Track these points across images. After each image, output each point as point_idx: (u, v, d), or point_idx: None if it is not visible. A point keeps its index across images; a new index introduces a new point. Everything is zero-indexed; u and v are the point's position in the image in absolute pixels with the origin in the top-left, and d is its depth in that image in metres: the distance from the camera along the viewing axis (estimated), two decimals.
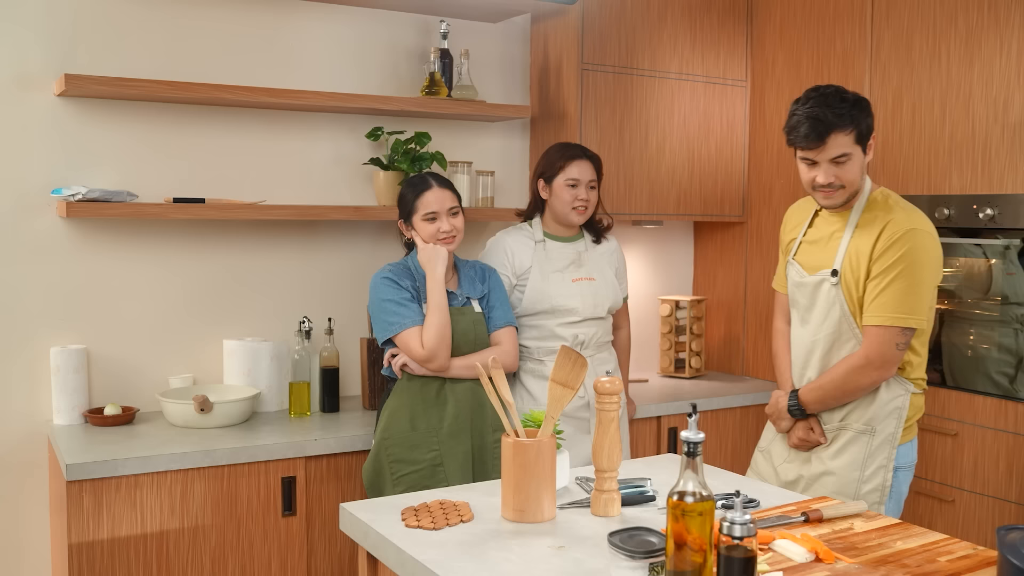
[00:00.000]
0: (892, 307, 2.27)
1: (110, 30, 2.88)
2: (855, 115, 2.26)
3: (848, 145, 2.27)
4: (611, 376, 1.89)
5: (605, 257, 2.97)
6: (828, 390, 2.38)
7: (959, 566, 1.62)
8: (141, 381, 2.98)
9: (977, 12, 2.94)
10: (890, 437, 2.35)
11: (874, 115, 2.35)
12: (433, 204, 2.60)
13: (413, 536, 1.76)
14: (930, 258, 2.30)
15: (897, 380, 2.36)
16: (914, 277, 2.26)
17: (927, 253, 2.29)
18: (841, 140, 2.26)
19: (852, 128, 2.26)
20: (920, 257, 2.27)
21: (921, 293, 2.28)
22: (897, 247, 2.27)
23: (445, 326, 2.53)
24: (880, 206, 2.35)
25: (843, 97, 2.28)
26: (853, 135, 2.27)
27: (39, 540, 2.86)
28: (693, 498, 1.45)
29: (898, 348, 2.29)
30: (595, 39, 3.38)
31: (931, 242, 2.30)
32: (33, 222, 2.82)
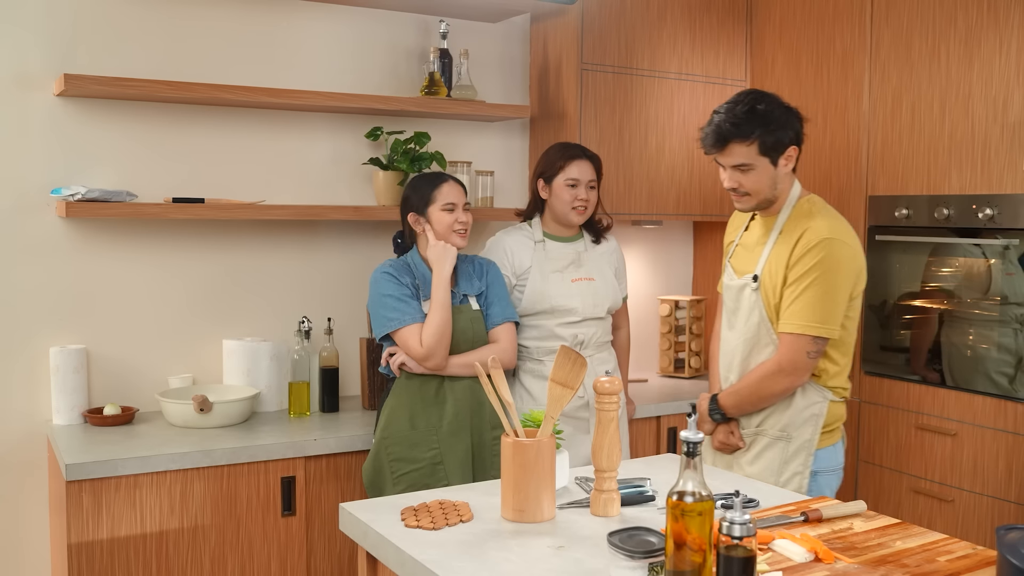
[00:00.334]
0: (804, 315, 2.27)
1: (109, 30, 2.88)
2: (759, 128, 2.29)
3: (749, 156, 2.31)
4: (610, 376, 1.89)
5: (605, 257, 2.97)
6: (743, 395, 2.40)
7: (958, 566, 1.62)
8: (140, 381, 2.98)
9: (976, 12, 2.94)
10: (806, 444, 2.36)
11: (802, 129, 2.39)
12: (451, 195, 2.64)
13: (413, 536, 1.76)
14: (844, 268, 2.29)
15: (815, 388, 2.38)
16: (827, 286, 2.27)
17: (842, 263, 2.28)
18: (740, 150, 2.31)
19: (753, 140, 2.29)
20: (834, 266, 2.27)
21: (834, 303, 2.28)
22: (812, 255, 2.27)
23: (446, 325, 2.53)
24: (803, 214, 2.37)
25: (752, 108, 2.29)
26: (755, 146, 2.30)
27: (39, 540, 2.86)
28: (693, 498, 1.45)
29: (809, 356, 2.30)
30: (595, 39, 3.38)
31: (847, 252, 2.30)
32: (32, 222, 2.82)
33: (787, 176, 2.39)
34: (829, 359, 2.38)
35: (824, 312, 2.27)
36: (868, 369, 3.31)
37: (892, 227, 3.21)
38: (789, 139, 2.35)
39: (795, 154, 2.37)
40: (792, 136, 2.35)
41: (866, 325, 3.31)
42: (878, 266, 3.27)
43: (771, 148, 2.32)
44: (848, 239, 2.32)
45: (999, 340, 2.92)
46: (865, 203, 3.30)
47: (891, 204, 3.20)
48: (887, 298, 3.26)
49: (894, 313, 3.24)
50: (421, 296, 2.60)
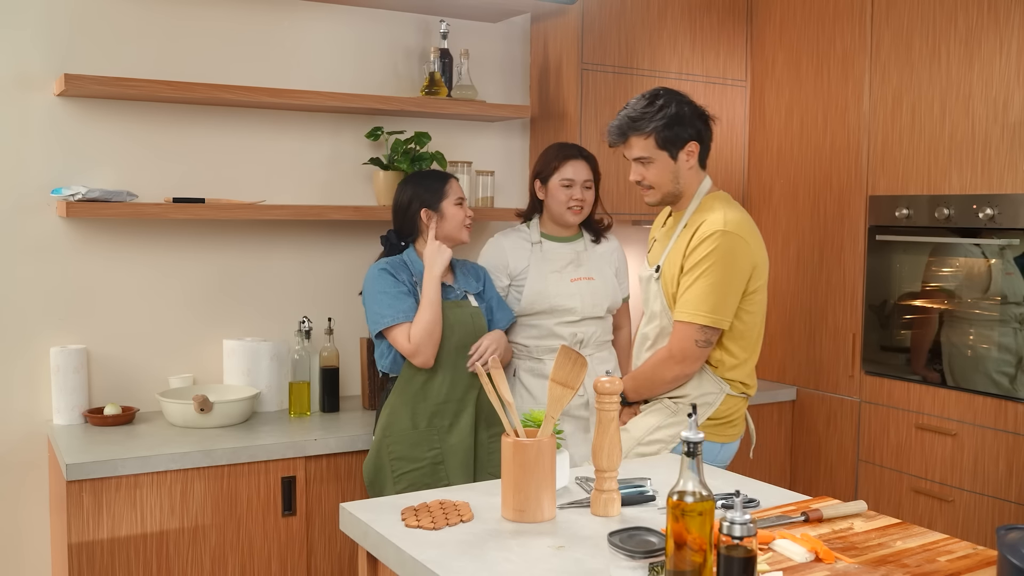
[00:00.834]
0: (694, 304, 2.32)
1: (109, 30, 2.88)
2: (656, 123, 2.37)
3: (648, 149, 2.39)
4: (611, 376, 1.89)
5: (605, 257, 2.97)
6: (640, 379, 2.47)
7: (959, 566, 1.62)
8: (141, 381, 2.98)
9: (977, 12, 2.94)
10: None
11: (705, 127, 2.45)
12: (459, 191, 2.72)
13: (413, 536, 1.76)
14: (738, 260, 2.32)
15: (711, 377, 2.43)
16: (718, 276, 2.31)
17: (735, 255, 2.32)
18: (639, 143, 2.40)
19: (650, 134, 2.37)
20: (727, 258, 2.31)
21: (725, 293, 2.32)
22: (705, 246, 2.32)
23: (434, 323, 2.54)
24: (706, 208, 2.41)
25: (652, 103, 2.38)
26: (652, 140, 2.38)
27: (39, 540, 2.86)
28: (693, 498, 1.45)
29: (698, 345, 2.34)
30: (595, 39, 3.38)
31: (741, 245, 2.33)
32: (33, 222, 2.82)
33: (691, 171, 2.45)
34: (726, 351, 2.41)
35: (714, 302, 2.31)
36: (868, 369, 3.31)
37: (892, 227, 3.21)
38: (688, 135, 2.41)
39: (696, 150, 2.43)
40: (692, 132, 2.41)
41: (866, 325, 3.32)
42: (878, 266, 3.28)
43: (669, 142, 2.39)
44: (744, 233, 2.35)
45: (999, 340, 2.92)
46: (865, 203, 3.30)
47: (891, 204, 3.20)
48: (887, 298, 3.26)
49: (894, 313, 3.24)
50: (417, 293, 2.61)
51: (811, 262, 3.52)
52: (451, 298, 2.66)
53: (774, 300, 3.67)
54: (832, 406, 3.45)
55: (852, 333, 3.36)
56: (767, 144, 3.69)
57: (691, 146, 2.42)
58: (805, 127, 3.53)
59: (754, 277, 2.37)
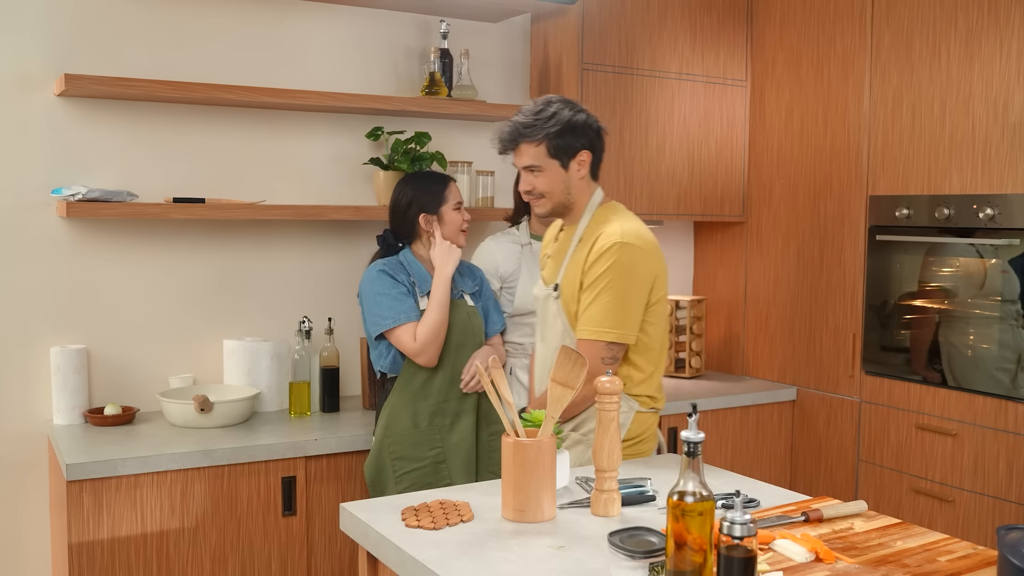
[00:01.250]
0: (597, 321, 2.21)
1: (110, 30, 2.88)
2: (547, 130, 2.28)
3: (538, 157, 2.31)
4: (611, 376, 1.89)
5: None
6: None
7: (959, 566, 1.62)
8: (141, 381, 2.98)
9: (977, 12, 2.94)
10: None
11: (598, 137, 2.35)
12: (458, 195, 2.72)
13: (413, 536, 1.76)
14: (639, 272, 2.24)
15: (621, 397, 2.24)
16: (619, 290, 2.21)
17: (635, 267, 2.23)
18: (530, 151, 2.31)
19: (541, 141, 2.29)
20: (627, 270, 2.22)
21: (628, 307, 2.22)
22: (604, 259, 2.22)
23: (442, 324, 2.55)
24: (601, 220, 2.32)
25: (543, 111, 2.30)
26: (543, 148, 2.30)
27: (39, 540, 2.86)
28: (693, 498, 1.45)
29: (605, 363, 2.22)
30: (595, 39, 3.38)
31: (640, 256, 2.25)
32: (33, 222, 2.82)
33: (582, 182, 2.36)
34: (632, 366, 2.30)
35: (618, 317, 2.21)
36: (869, 369, 3.31)
37: (893, 227, 3.21)
38: (581, 144, 2.32)
39: (588, 159, 2.34)
40: (584, 142, 2.32)
41: (867, 325, 3.32)
42: (878, 266, 3.28)
43: (560, 151, 2.31)
44: (643, 243, 2.27)
45: (999, 339, 2.92)
46: (866, 203, 3.30)
47: (892, 204, 3.20)
48: (888, 298, 3.26)
49: (894, 313, 3.24)
50: (418, 292, 2.62)
51: (811, 262, 3.52)
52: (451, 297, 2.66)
53: (774, 299, 3.68)
54: (832, 406, 3.45)
55: (852, 333, 3.36)
56: (767, 144, 3.69)
57: (583, 155, 2.33)
58: (805, 127, 3.53)
59: (655, 288, 2.28)
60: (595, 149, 2.36)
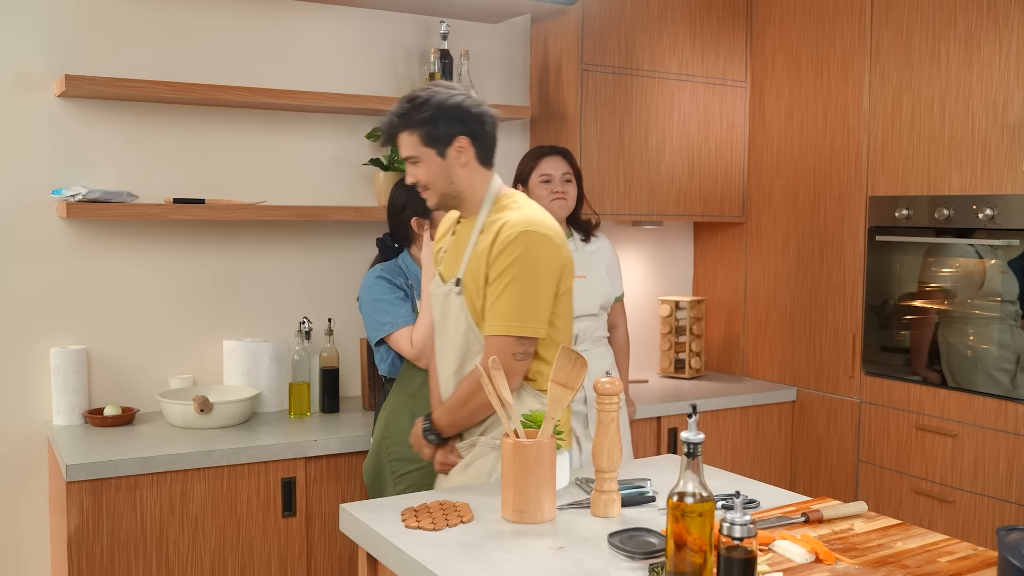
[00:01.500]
0: (506, 315, 2.09)
1: (110, 31, 2.88)
2: (418, 118, 2.17)
3: (414, 147, 2.19)
4: (611, 377, 1.89)
5: (596, 255, 2.99)
6: (456, 411, 2.20)
7: (959, 567, 1.62)
8: (141, 382, 2.98)
9: (976, 13, 2.94)
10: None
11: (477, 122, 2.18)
12: None
13: (413, 537, 1.76)
14: (546, 262, 2.12)
15: (531, 393, 2.18)
16: (527, 281, 2.09)
17: (542, 256, 2.11)
18: (407, 141, 2.20)
19: (414, 130, 2.18)
20: (534, 261, 2.09)
21: (537, 299, 2.11)
22: (510, 250, 2.09)
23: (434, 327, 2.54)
24: (502, 208, 2.20)
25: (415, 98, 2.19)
26: (417, 137, 2.18)
27: (39, 540, 2.86)
28: (693, 499, 1.45)
29: (516, 358, 2.10)
30: (595, 40, 3.38)
31: (546, 244, 2.12)
32: (33, 222, 2.82)
33: (466, 169, 2.21)
34: (543, 360, 2.18)
35: (527, 310, 2.09)
36: (869, 369, 3.31)
37: (892, 227, 3.21)
38: (456, 130, 2.17)
39: (467, 145, 2.18)
40: (460, 127, 2.18)
41: (866, 325, 3.32)
42: (878, 267, 3.28)
43: (434, 139, 2.17)
44: (548, 231, 2.13)
45: (999, 340, 2.92)
46: (865, 203, 3.30)
47: (891, 204, 3.21)
48: (887, 298, 3.26)
49: (894, 313, 3.24)
50: (415, 295, 2.62)
51: (811, 262, 3.52)
52: None
53: (774, 300, 3.68)
54: (832, 407, 3.45)
55: (852, 333, 3.36)
56: (767, 144, 3.69)
57: (460, 142, 2.17)
58: (805, 127, 3.53)
59: (563, 278, 2.17)
60: (476, 134, 2.20)
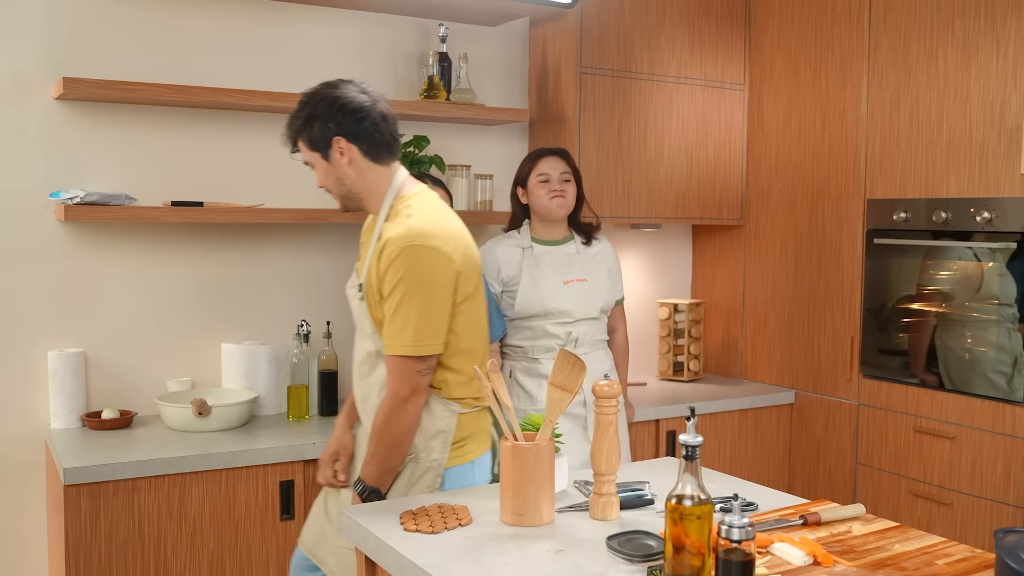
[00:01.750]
0: (403, 336, 2.03)
1: (108, 33, 2.88)
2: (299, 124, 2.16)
3: (305, 153, 2.18)
4: (609, 380, 1.89)
5: (597, 258, 2.99)
6: (383, 454, 2.10)
7: (957, 569, 1.62)
8: (139, 384, 2.98)
9: (974, 16, 2.94)
10: (435, 464, 2.13)
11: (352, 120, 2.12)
12: None
13: (411, 540, 1.76)
14: (434, 275, 2.04)
15: (439, 402, 2.14)
16: (418, 300, 2.03)
17: (430, 271, 2.04)
18: (301, 147, 2.19)
19: (300, 136, 2.17)
20: (422, 277, 2.03)
21: (431, 316, 2.04)
22: (396, 268, 2.03)
23: None
24: (396, 214, 2.13)
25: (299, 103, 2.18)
26: (304, 143, 2.17)
27: (37, 544, 2.85)
28: (691, 501, 1.45)
29: (421, 374, 2.06)
30: (593, 43, 3.39)
31: (434, 256, 2.04)
32: (31, 225, 2.81)
33: (354, 169, 2.15)
34: (448, 369, 2.13)
35: (420, 329, 2.03)
36: (867, 372, 3.31)
37: (890, 230, 3.21)
38: (330, 131, 2.12)
39: (347, 146, 2.12)
40: (333, 127, 2.12)
41: (864, 328, 3.32)
42: (876, 269, 3.28)
43: (315, 143, 2.14)
44: (436, 241, 2.05)
45: (996, 343, 2.92)
46: (863, 206, 3.30)
47: (889, 207, 3.21)
48: (885, 301, 3.26)
49: (892, 316, 3.24)
50: None
51: (809, 265, 3.52)
52: None
53: (773, 303, 3.68)
54: (830, 409, 3.46)
55: (850, 336, 3.36)
56: (765, 147, 3.69)
57: (339, 143, 2.12)
58: (803, 130, 3.53)
59: (459, 286, 2.09)
60: (354, 132, 2.13)
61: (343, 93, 2.16)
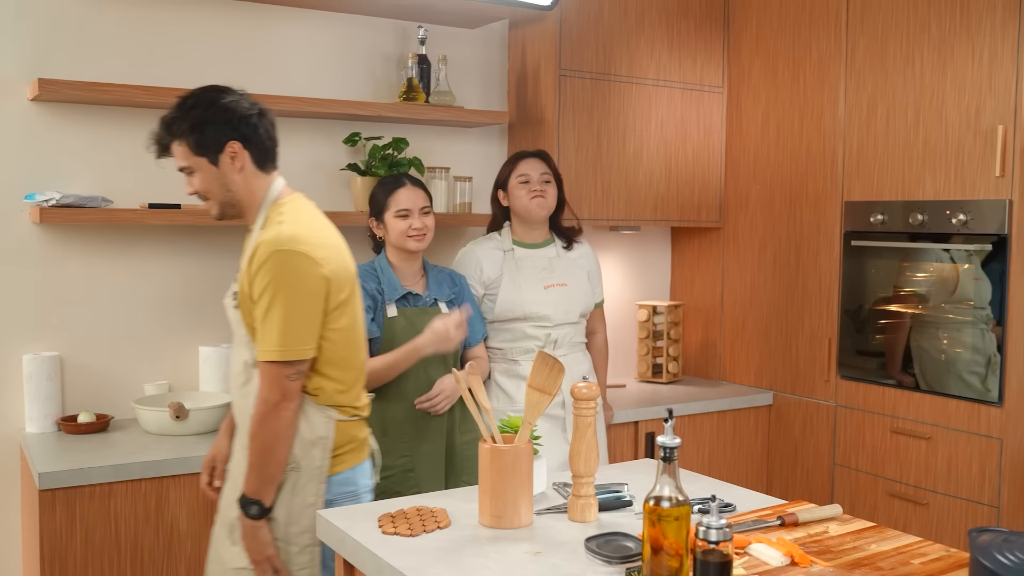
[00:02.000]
0: (272, 341, 2.00)
1: (84, 34, 2.86)
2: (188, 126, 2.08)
3: (186, 156, 2.11)
4: (588, 382, 1.89)
5: (577, 262, 3.00)
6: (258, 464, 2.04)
7: (933, 568, 1.63)
8: (115, 388, 2.95)
9: (950, 20, 2.97)
10: (318, 472, 2.09)
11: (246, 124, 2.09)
12: (405, 202, 2.63)
13: (390, 543, 1.76)
14: (303, 281, 2.01)
15: (316, 408, 2.10)
16: (286, 305, 2.00)
17: (299, 276, 2.01)
18: (179, 151, 2.13)
19: (182, 139, 2.11)
20: (291, 282, 2.00)
21: (300, 321, 2.01)
22: (264, 273, 2.00)
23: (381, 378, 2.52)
24: (268, 222, 2.11)
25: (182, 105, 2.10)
26: (187, 146, 2.11)
27: (11, 549, 2.82)
28: (669, 503, 1.45)
29: (291, 379, 2.02)
30: (572, 45, 3.39)
31: (303, 262, 2.01)
32: (6, 228, 2.79)
33: (242, 175, 2.12)
34: (323, 376, 2.09)
35: (291, 335, 2.00)
36: (844, 373, 3.34)
37: (867, 232, 3.24)
38: (225, 135, 2.08)
39: (240, 151, 2.10)
40: (230, 131, 2.09)
41: (842, 330, 3.34)
42: (853, 271, 3.30)
43: (203, 147, 2.09)
44: (306, 247, 2.02)
45: (972, 344, 2.95)
46: (841, 208, 3.33)
47: (866, 210, 3.23)
48: (862, 303, 3.28)
49: (869, 318, 3.26)
50: (385, 299, 2.61)
51: (787, 267, 3.54)
52: (419, 305, 2.65)
53: (751, 305, 3.70)
54: (808, 410, 3.48)
55: (828, 338, 3.38)
56: (744, 150, 3.71)
57: (232, 147, 2.09)
58: (781, 133, 3.55)
59: (331, 293, 2.06)
60: (248, 138, 2.10)
61: (235, 99, 2.12)
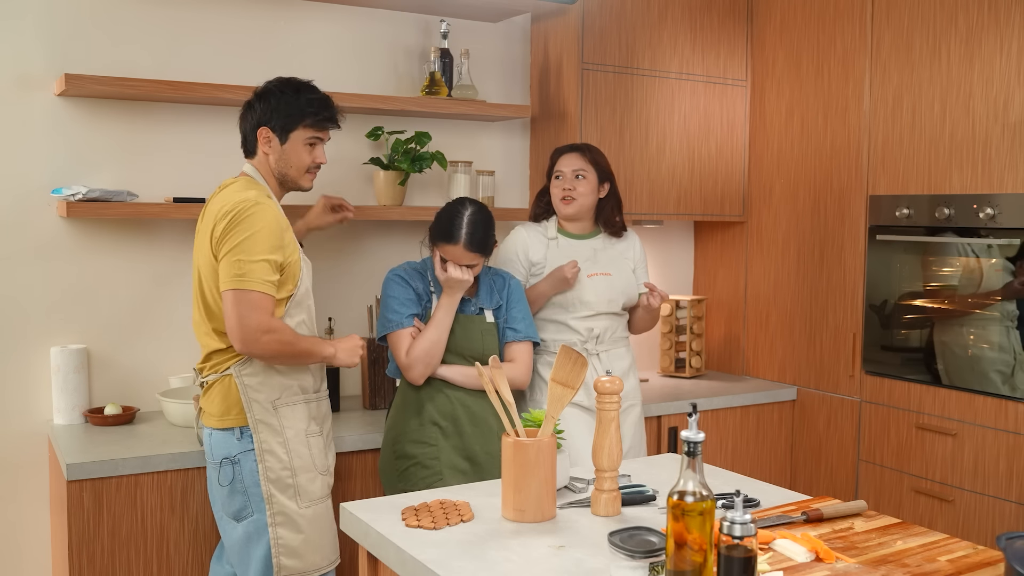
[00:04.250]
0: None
1: (110, 30, 2.88)
2: None
3: None
4: (611, 376, 1.89)
5: (624, 253, 2.98)
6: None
7: (959, 566, 1.62)
8: (141, 381, 2.98)
9: (977, 11, 2.94)
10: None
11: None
12: (452, 255, 2.53)
13: (413, 536, 1.76)
14: None
15: None
16: None
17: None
18: None
19: None
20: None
21: None
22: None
23: (436, 344, 2.52)
24: None
25: None
26: None
27: (39, 540, 2.86)
28: (693, 498, 1.45)
29: None
30: (595, 39, 3.38)
31: None
32: (33, 222, 2.82)
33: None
34: None
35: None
36: (869, 369, 3.31)
37: (893, 227, 3.21)
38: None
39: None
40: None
41: (867, 325, 3.32)
42: (879, 266, 3.28)
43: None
44: None
45: (999, 340, 2.92)
46: (866, 203, 3.30)
47: (892, 204, 3.21)
48: (888, 298, 3.26)
49: (895, 313, 3.24)
50: (434, 300, 2.60)
51: (811, 261, 3.52)
52: (466, 312, 2.62)
53: (775, 299, 3.68)
54: (833, 406, 3.45)
55: (852, 333, 3.36)
56: (767, 144, 3.69)
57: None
58: (805, 127, 3.53)
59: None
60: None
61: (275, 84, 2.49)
